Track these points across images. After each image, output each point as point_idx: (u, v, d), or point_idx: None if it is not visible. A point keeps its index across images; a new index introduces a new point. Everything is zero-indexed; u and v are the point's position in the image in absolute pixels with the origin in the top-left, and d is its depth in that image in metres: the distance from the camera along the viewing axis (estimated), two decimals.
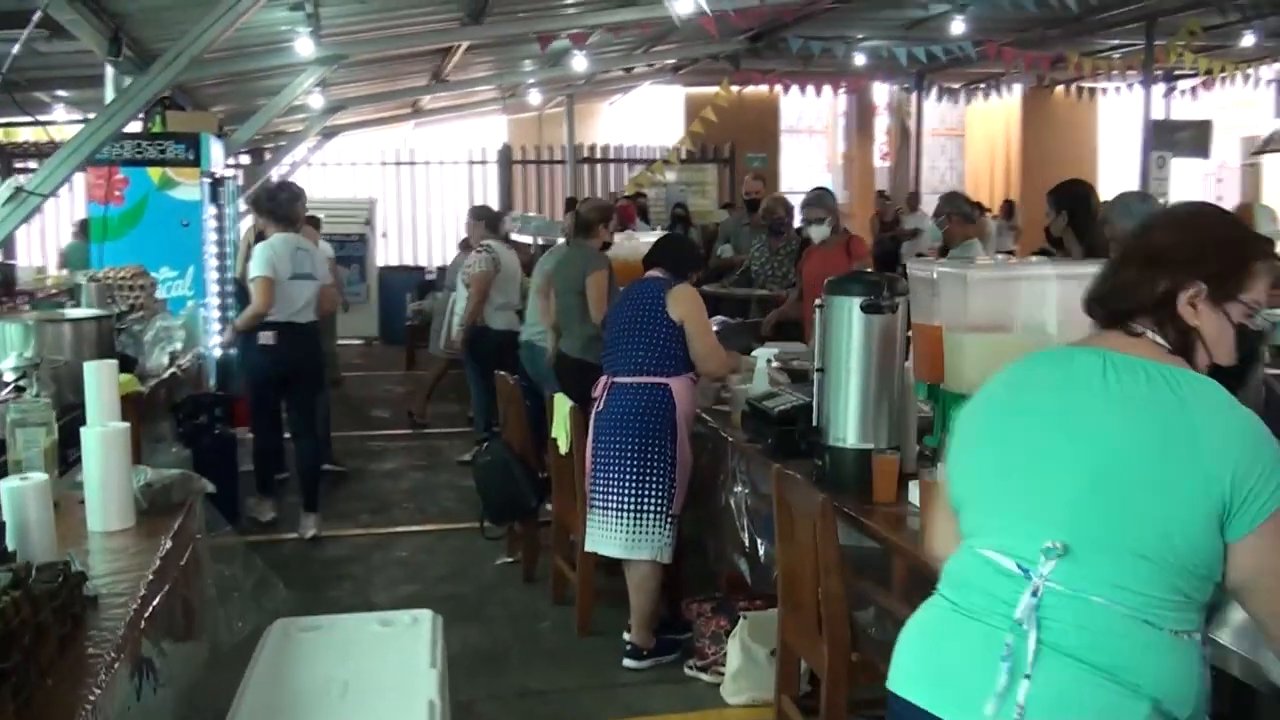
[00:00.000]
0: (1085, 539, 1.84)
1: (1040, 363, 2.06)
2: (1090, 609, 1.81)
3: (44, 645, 2.25)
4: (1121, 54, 14.89)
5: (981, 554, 1.95)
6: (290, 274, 6.32)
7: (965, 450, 2.09)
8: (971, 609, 1.94)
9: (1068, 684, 1.80)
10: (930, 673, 1.97)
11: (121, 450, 3.22)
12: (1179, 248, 2.00)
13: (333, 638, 3.39)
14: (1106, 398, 1.91)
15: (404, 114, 15.61)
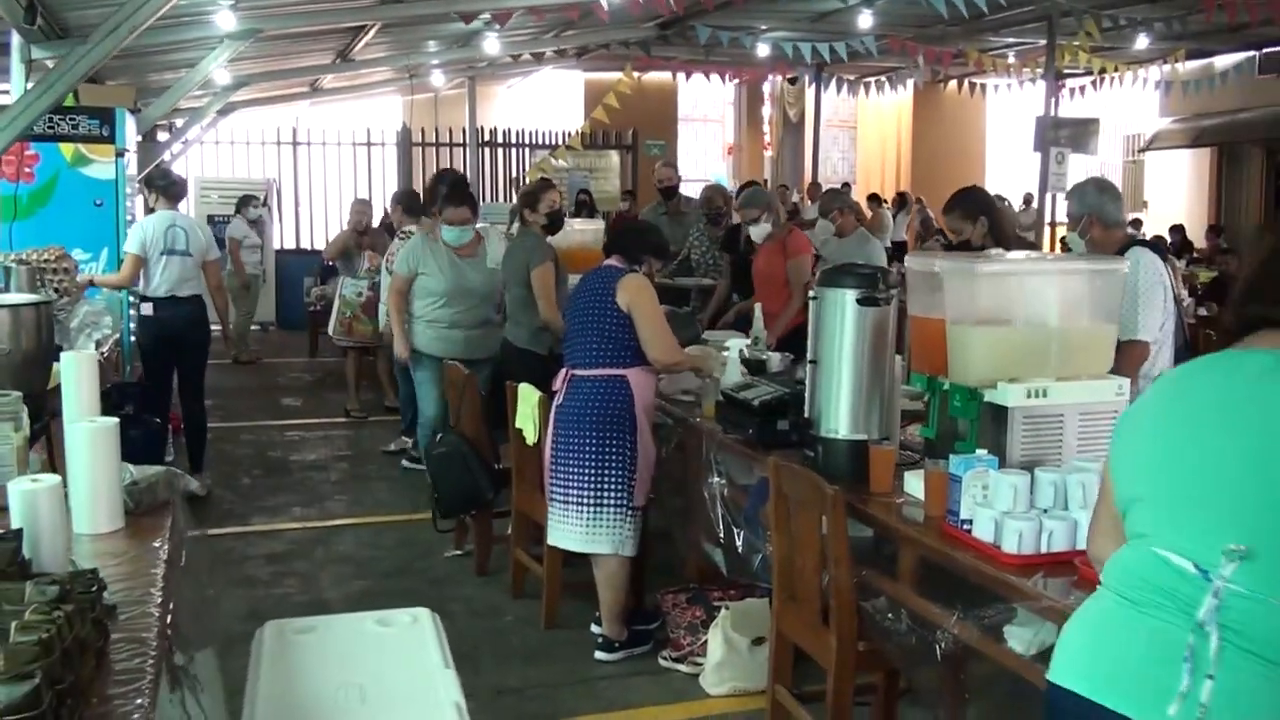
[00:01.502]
0: (1266, 542, 1.83)
1: (1209, 366, 2.06)
2: (1272, 610, 1.82)
3: (85, 662, 2.11)
4: (1017, 52, 15.24)
5: (1159, 554, 1.95)
6: (162, 250, 6.76)
7: (1136, 451, 2.08)
8: (1149, 607, 1.94)
9: (1249, 682, 1.82)
10: (1106, 668, 1.97)
11: (112, 448, 3.04)
12: None
13: (332, 640, 3.24)
14: (1273, 396, 1.91)
15: (302, 92, 15.20)
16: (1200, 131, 17.84)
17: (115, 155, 7.34)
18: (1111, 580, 2.05)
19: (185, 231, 6.90)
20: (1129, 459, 2.09)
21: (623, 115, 15.51)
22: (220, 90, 11.46)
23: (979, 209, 5.21)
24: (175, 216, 6.96)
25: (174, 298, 6.79)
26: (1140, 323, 4.13)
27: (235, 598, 5.22)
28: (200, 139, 15.07)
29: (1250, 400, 1.93)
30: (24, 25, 6.33)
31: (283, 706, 2.82)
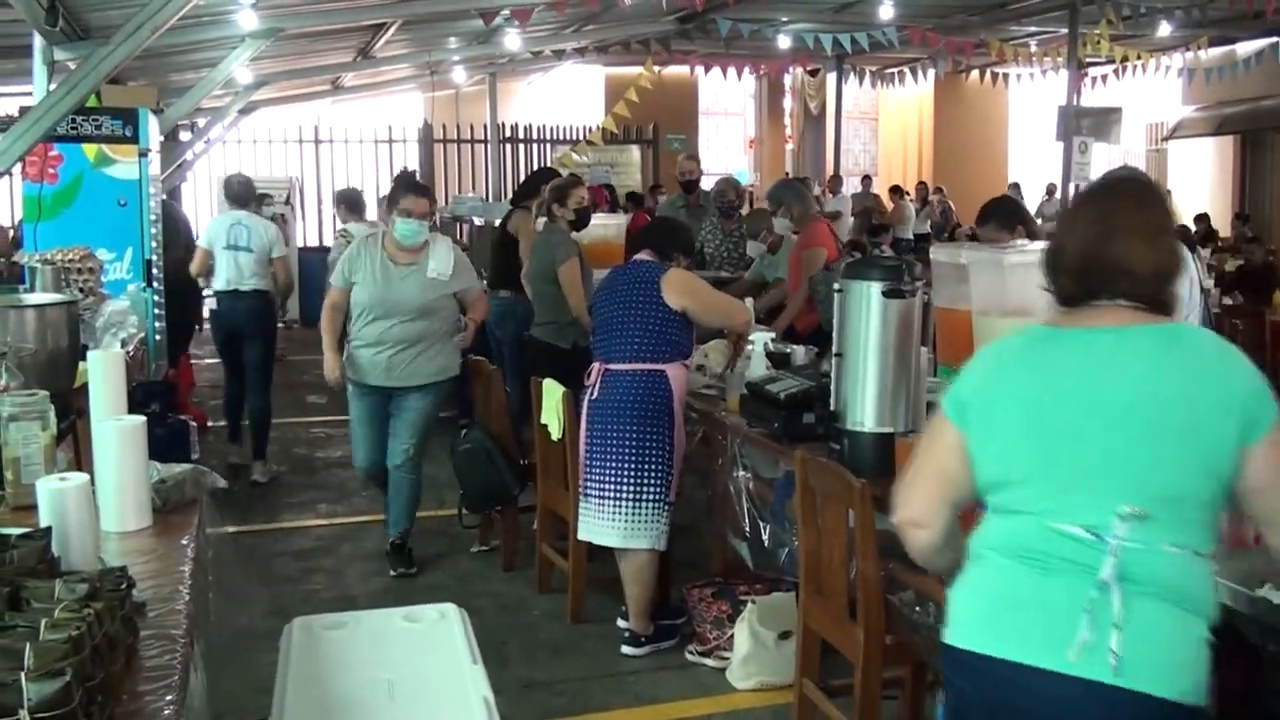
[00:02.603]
0: (1153, 499, 2.03)
1: (1058, 347, 2.19)
2: (1162, 557, 2.03)
3: (116, 658, 2.11)
4: (1039, 41, 15.15)
5: (1052, 527, 2.10)
6: (224, 245, 7.37)
7: (1004, 435, 2.19)
8: (1049, 570, 2.10)
9: (1159, 624, 2.02)
10: (1009, 627, 2.13)
11: (140, 446, 3.06)
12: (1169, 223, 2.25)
13: (360, 635, 3.25)
14: (1132, 369, 2.10)
15: (323, 90, 15.25)
16: (1223, 119, 17.71)
17: (138, 155, 7.34)
18: (999, 548, 2.19)
19: (248, 229, 7.44)
20: (997, 443, 2.20)
21: (643, 110, 15.49)
22: (242, 89, 11.50)
23: (1015, 218, 5.16)
24: (240, 215, 7.51)
25: (235, 291, 7.34)
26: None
27: (263, 594, 5.24)
28: (222, 138, 15.11)
29: (1113, 376, 2.10)
30: (45, 27, 6.36)
31: (312, 702, 2.83)
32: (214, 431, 8.48)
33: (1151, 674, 2.01)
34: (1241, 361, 2.11)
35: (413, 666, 3.02)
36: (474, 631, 3.13)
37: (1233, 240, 15.26)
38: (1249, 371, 2.10)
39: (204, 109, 12.50)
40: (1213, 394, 2.06)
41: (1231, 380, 2.08)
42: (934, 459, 2.31)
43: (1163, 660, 2.02)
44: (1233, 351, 2.13)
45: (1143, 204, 2.25)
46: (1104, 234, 2.21)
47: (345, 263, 5.51)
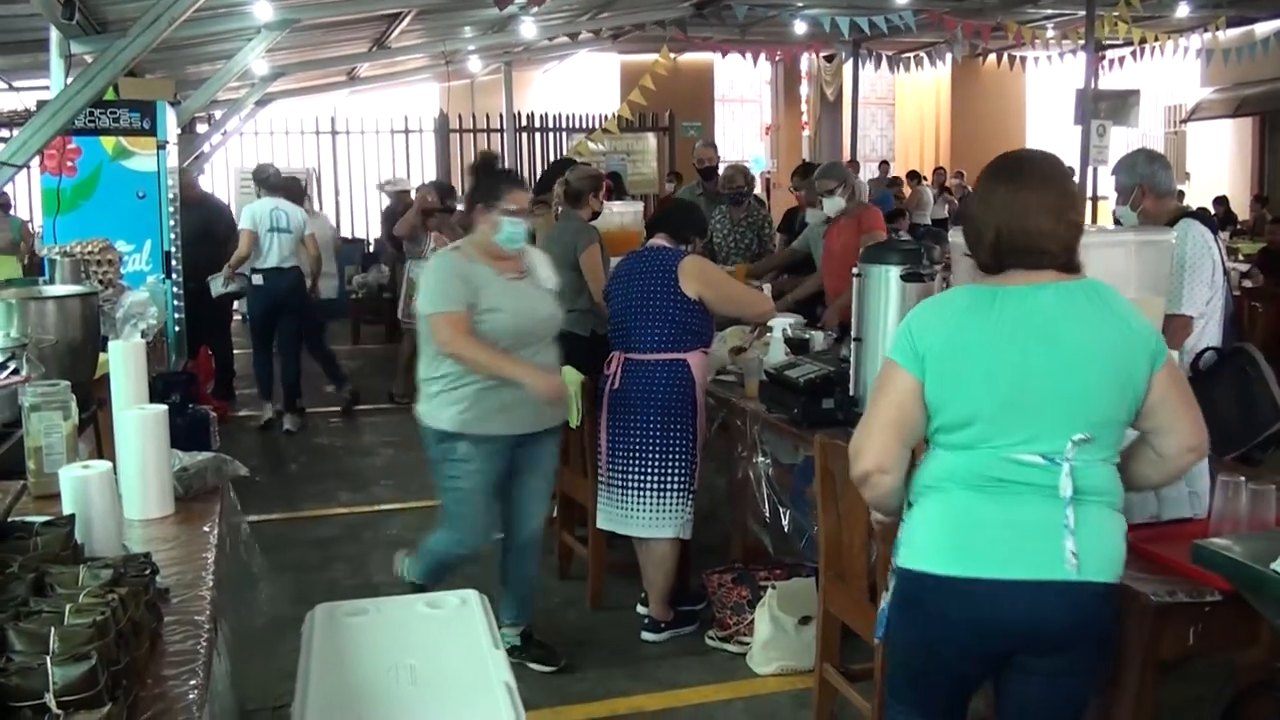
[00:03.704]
0: (1095, 425, 2.43)
1: (1002, 304, 2.48)
2: (1099, 469, 2.46)
3: (140, 643, 2.13)
4: (1057, 24, 15.06)
5: (1007, 457, 2.44)
6: (268, 228, 8.23)
7: (962, 381, 2.47)
8: (1011, 496, 2.43)
9: (1096, 523, 2.44)
10: (978, 548, 2.45)
11: (162, 434, 3.08)
12: (1074, 196, 2.58)
13: (382, 622, 3.27)
14: (1073, 317, 2.45)
15: (339, 81, 15.26)
16: (1242, 100, 17.59)
17: (156, 147, 7.41)
18: (958, 481, 2.48)
19: (287, 214, 8.39)
20: (959, 388, 2.47)
21: (659, 97, 15.45)
22: (258, 81, 11.52)
23: None
24: (278, 202, 8.43)
25: (279, 269, 8.27)
26: (1185, 296, 4.07)
27: (284, 582, 5.27)
28: (239, 130, 15.15)
29: (1061, 324, 2.44)
30: (62, 20, 6.38)
31: (335, 688, 2.84)
32: (234, 421, 8.54)
33: (1100, 565, 2.43)
34: (1137, 308, 2.55)
35: (435, 652, 3.03)
36: (495, 618, 3.14)
37: (1252, 222, 15.16)
38: (1144, 316, 2.54)
39: (220, 101, 12.54)
40: (1131, 334, 2.46)
41: (1140, 323, 2.50)
42: (891, 407, 2.54)
43: (1107, 552, 2.45)
44: (1130, 302, 2.57)
45: (1047, 182, 2.53)
46: (1014, 214, 2.50)
47: (454, 282, 4.14)
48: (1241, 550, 2.58)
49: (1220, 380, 4.07)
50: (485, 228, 4.19)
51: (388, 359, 11.58)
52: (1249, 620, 2.69)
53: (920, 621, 2.55)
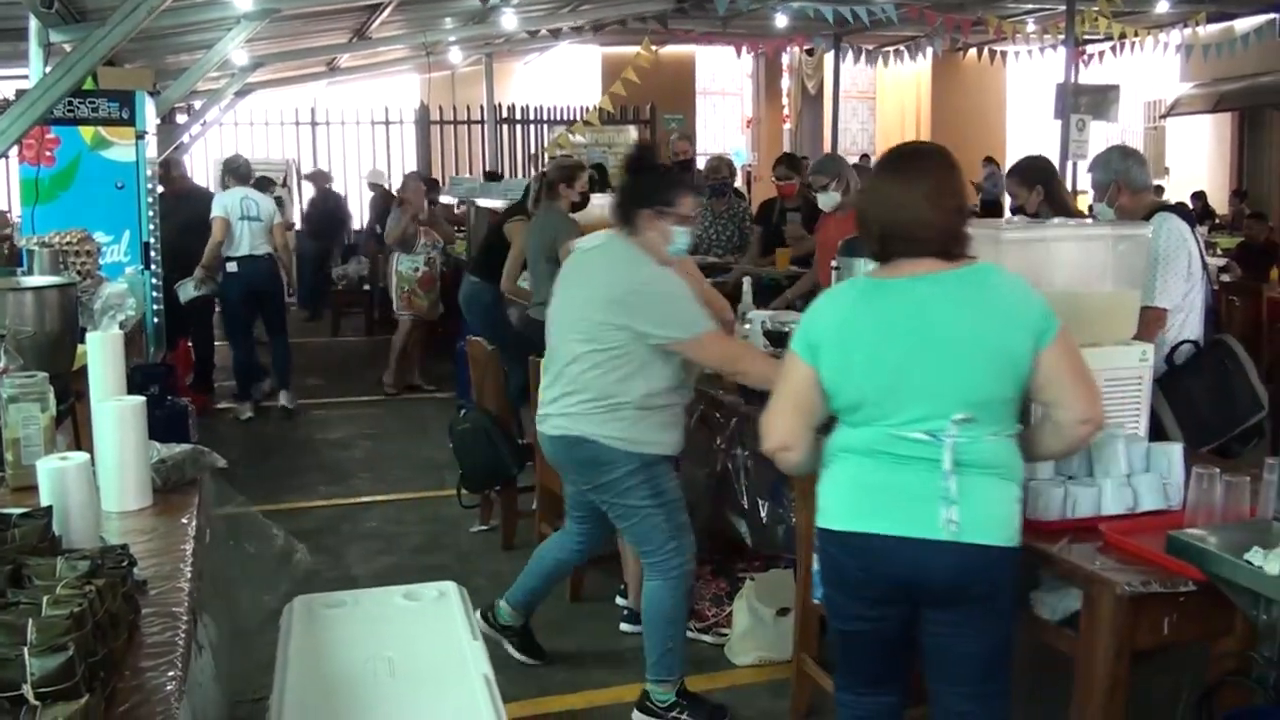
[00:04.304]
0: (975, 405, 2.61)
1: (883, 296, 2.71)
2: (984, 444, 2.64)
3: (117, 635, 2.13)
4: (1037, 18, 15.10)
5: (895, 434, 2.65)
6: (239, 216, 8.38)
7: (851, 369, 2.69)
8: (900, 463, 2.65)
9: (979, 491, 2.63)
10: (876, 507, 2.69)
11: (139, 425, 3.08)
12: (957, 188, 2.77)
13: (360, 614, 3.26)
14: (947, 307, 2.63)
15: (319, 72, 15.20)
16: (1221, 96, 17.67)
17: (135, 138, 7.35)
18: (854, 450, 2.72)
19: (256, 202, 8.57)
20: (849, 375, 2.70)
21: (640, 90, 15.40)
22: (238, 71, 11.48)
23: (1036, 177, 5.24)
24: (247, 191, 8.62)
25: (252, 256, 8.43)
26: (1159, 289, 4.09)
27: (263, 574, 5.25)
28: (219, 120, 15.08)
29: (934, 315, 2.63)
30: (41, 9, 6.34)
31: (313, 680, 2.84)
32: (213, 414, 8.52)
33: (983, 529, 2.62)
34: (1028, 288, 2.70)
35: (413, 644, 3.03)
36: (474, 610, 3.14)
37: (1231, 217, 15.24)
38: (1034, 296, 2.69)
39: (200, 91, 12.49)
40: (1011, 318, 2.63)
41: (1024, 305, 2.65)
42: (791, 393, 2.79)
43: (990, 517, 2.63)
44: (1021, 281, 2.72)
45: (921, 174, 2.72)
46: (894, 205, 2.71)
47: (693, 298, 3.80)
48: (1215, 541, 2.61)
49: (1198, 373, 4.09)
50: (655, 235, 3.81)
51: (370, 351, 11.58)
52: (1223, 610, 2.72)
53: (829, 575, 2.85)
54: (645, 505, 3.82)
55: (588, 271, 3.90)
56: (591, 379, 3.75)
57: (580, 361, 3.76)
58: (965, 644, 2.72)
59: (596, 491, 3.91)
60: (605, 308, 3.71)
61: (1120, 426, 3.31)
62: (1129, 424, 3.38)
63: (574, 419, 3.80)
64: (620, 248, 3.84)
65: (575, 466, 3.93)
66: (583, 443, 3.79)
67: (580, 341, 3.76)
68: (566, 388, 3.82)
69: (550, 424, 3.91)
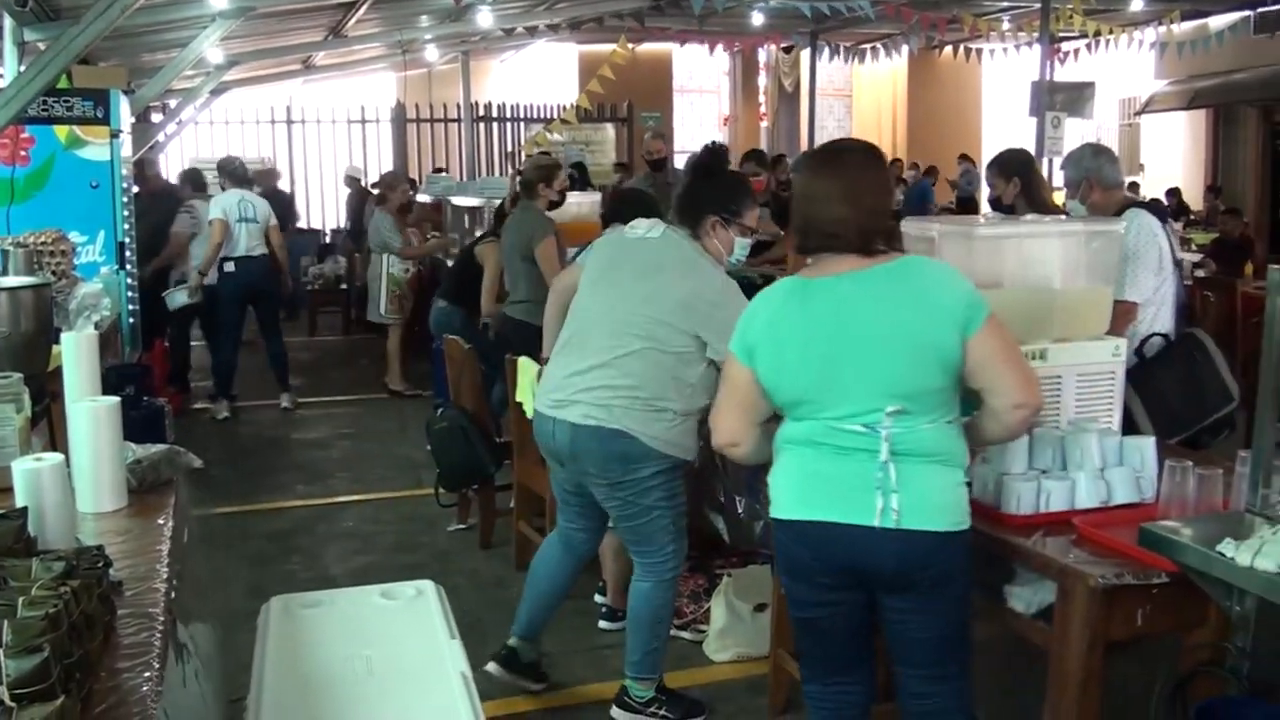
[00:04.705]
0: (906, 397, 2.66)
1: (810, 294, 2.77)
2: (921, 433, 2.68)
3: (93, 636, 2.12)
4: (1012, 16, 15.17)
5: (834, 426, 2.71)
6: (238, 218, 8.46)
7: (786, 367, 2.78)
8: (841, 454, 2.71)
9: (919, 479, 2.68)
10: (821, 497, 2.76)
11: (114, 426, 3.06)
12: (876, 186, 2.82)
13: (337, 613, 3.26)
14: (869, 305, 2.69)
15: (294, 70, 15.15)
16: (1195, 93, 17.79)
17: (110, 137, 7.31)
18: (798, 442, 2.79)
19: (253, 204, 8.68)
20: (784, 374, 2.78)
21: (617, 88, 15.41)
22: (213, 70, 11.42)
23: (1014, 169, 5.32)
24: (244, 193, 8.71)
25: (249, 257, 8.50)
26: (1129, 283, 4.13)
27: (240, 575, 5.25)
28: (194, 119, 15.01)
29: (857, 313, 2.69)
30: (15, 7, 6.29)
31: (290, 680, 2.83)
32: (190, 415, 8.48)
33: (924, 515, 2.67)
34: (954, 278, 2.72)
35: (390, 643, 3.03)
36: (452, 609, 3.14)
37: (1205, 213, 15.35)
38: (961, 285, 2.70)
39: (175, 90, 12.41)
40: (935, 310, 2.66)
41: (947, 296, 2.67)
42: (734, 392, 2.90)
43: (931, 504, 2.68)
44: (948, 271, 2.76)
45: (840, 171, 2.79)
46: (811, 202, 2.79)
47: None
48: (1188, 533, 2.64)
49: (1168, 365, 4.14)
50: (717, 243, 3.79)
51: (347, 350, 11.56)
52: (1196, 601, 2.75)
53: (784, 563, 2.92)
54: (660, 506, 3.77)
55: (647, 263, 3.76)
56: (648, 376, 3.64)
57: (639, 357, 3.64)
58: (922, 628, 2.78)
59: (613, 487, 3.75)
60: (676, 311, 3.62)
61: (1094, 420, 3.33)
62: (1103, 418, 3.41)
63: (613, 411, 3.64)
64: (688, 249, 3.75)
65: (601, 459, 3.70)
66: (620, 436, 3.64)
67: (638, 337, 3.64)
68: (612, 379, 3.65)
69: (577, 411, 3.69)
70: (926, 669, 2.82)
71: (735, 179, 4.19)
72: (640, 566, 3.90)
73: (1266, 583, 2.41)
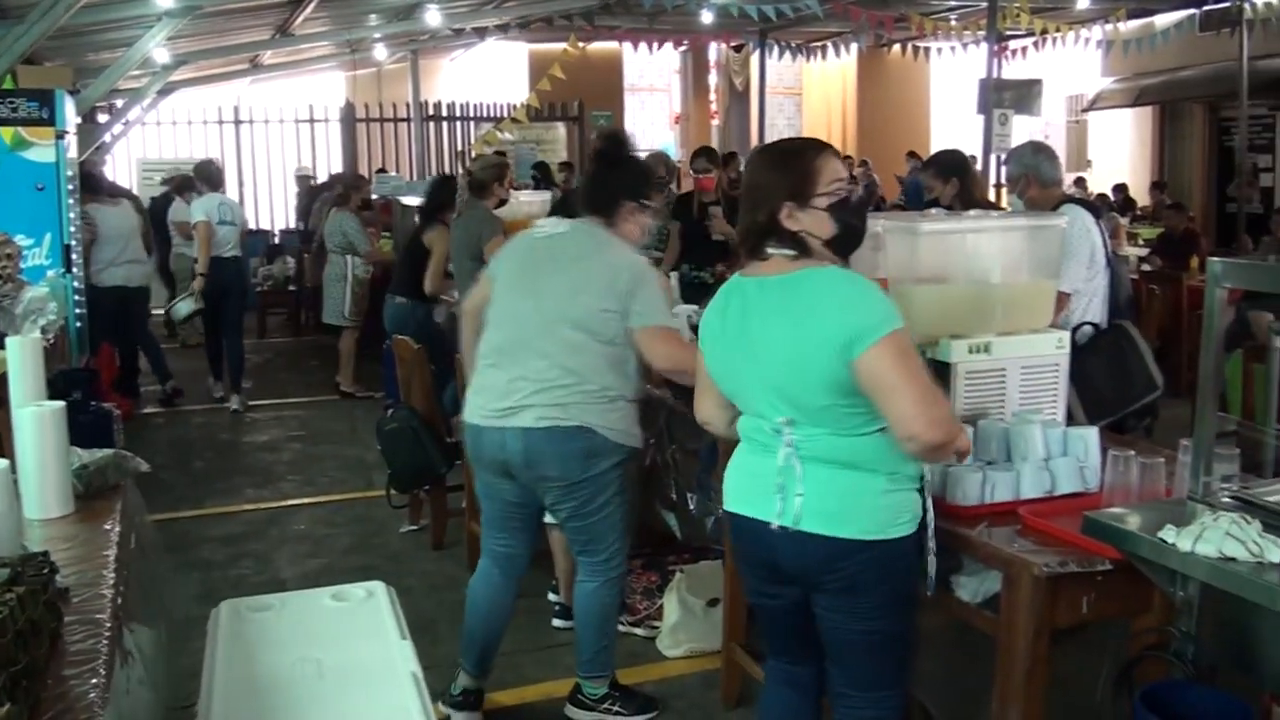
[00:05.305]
0: (796, 409, 2.69)
1: (733, 295, 2.84)
2: (825, 440, 2.68)
3: (39, 644, 2.11)
4: (959, 15, 15.30)
5: (754, 421, 2.81)
6: (218, 220, 8.73)
7: (717, 363, 2.90)
8: (763, 451, 2.78)
9: (825, 483, 2.69)
10: (746, 491, 2.86)
11: (60, 431, 3.04)
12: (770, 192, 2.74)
13: (287, 616, 3.24)
14: (760, 313, 2.74)
15: (242, 70, 15.02)
16: (1141, 90, 18.01)
17: (55, 138, 7.22)
18: (743, 434, 2.87)
19: (231, 207, 9.08)
20: (714, 368, 2.91)
21: (568, 86, 15.41)
22: (160, 69, 11.32)
23: (951, 170, 5.40)
24: (221, 197, 9.09)
25: (223, 258, 8.73)
26: (1062, 275, 4.23)
27: (190, 581, 5.22)
28: (141, 120, 14.85)
29: (752, 322, 2.75)
30: None
31: (240, 684, 2.81)
32: (140, 419, 8.40)
33: (824, 520, 2.67)
34: (848, 298, 2.64)
35: (341, 645, 3.02)
36: (404, 610, 3.13)
37: (1152, 208, 15.54)
38: (853, 307, 2.62)
39: (121, 90, 12.29)
40: (812, 331, 2.63)
41: (830, 317, 2.62)
42: (702, 377, 3.01)
43: (833, 510, 2.67)
44: (846, 290, 2.66)
45: (752, 175, 2.85)
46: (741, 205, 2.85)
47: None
48: (1131, 521, 2.68)
49: (1097, 353, 4.31)
50: (633, 228, 3.82)
51: (297, 352, 11.48)
52: (1141, 587, 2.79)
53: (733, 553, 3.09)
54: (614, 502, 3.76)
55: (563, 257, 3.71)
56: (592, 368, 3.61)
57: (579, 351, 3.60)
58: (841, 629, 2.79)
59: (571, 488, 3.68)
60: (603, 294, 3.60)
61: (1038, 411, 3.38)
62: (1047, 409, 3.45)
63: (569, 409, 3.59)
64: (601, 236, 3.73)
65: (561, 459, 3.63)
66: (581, 432, 3.60)
67: (574, 331, 3.60)
68: (560, 377, 3.59)
69: (530, 415, 3.60)
70: (849, 671, 2.84)
71: (641, 164, 4.16)
72: (586, 567, 3.88)
73: (1208, 568, 2.45)
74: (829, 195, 2.71)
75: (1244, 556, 2.41)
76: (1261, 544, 2.42)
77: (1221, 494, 2.74)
